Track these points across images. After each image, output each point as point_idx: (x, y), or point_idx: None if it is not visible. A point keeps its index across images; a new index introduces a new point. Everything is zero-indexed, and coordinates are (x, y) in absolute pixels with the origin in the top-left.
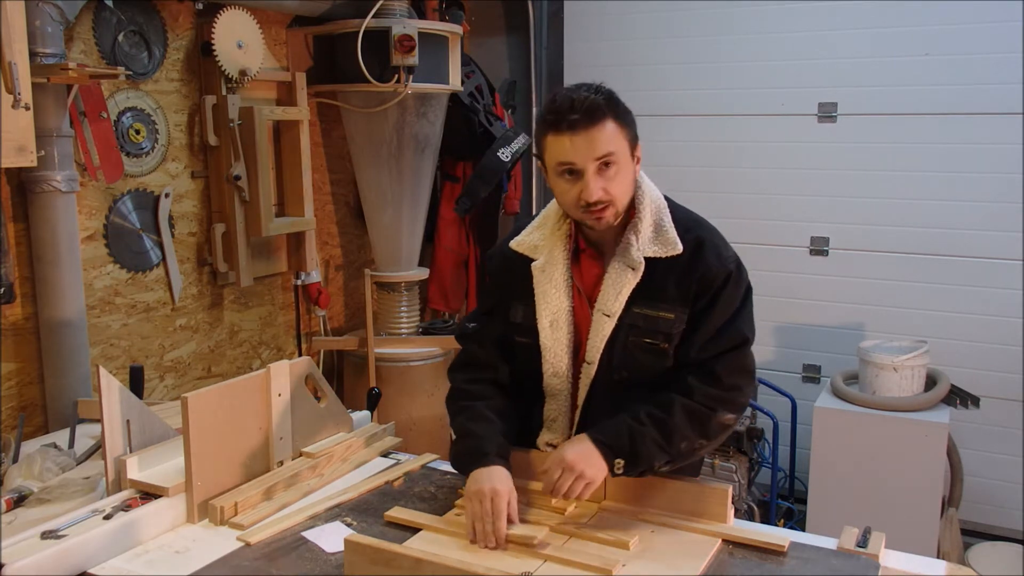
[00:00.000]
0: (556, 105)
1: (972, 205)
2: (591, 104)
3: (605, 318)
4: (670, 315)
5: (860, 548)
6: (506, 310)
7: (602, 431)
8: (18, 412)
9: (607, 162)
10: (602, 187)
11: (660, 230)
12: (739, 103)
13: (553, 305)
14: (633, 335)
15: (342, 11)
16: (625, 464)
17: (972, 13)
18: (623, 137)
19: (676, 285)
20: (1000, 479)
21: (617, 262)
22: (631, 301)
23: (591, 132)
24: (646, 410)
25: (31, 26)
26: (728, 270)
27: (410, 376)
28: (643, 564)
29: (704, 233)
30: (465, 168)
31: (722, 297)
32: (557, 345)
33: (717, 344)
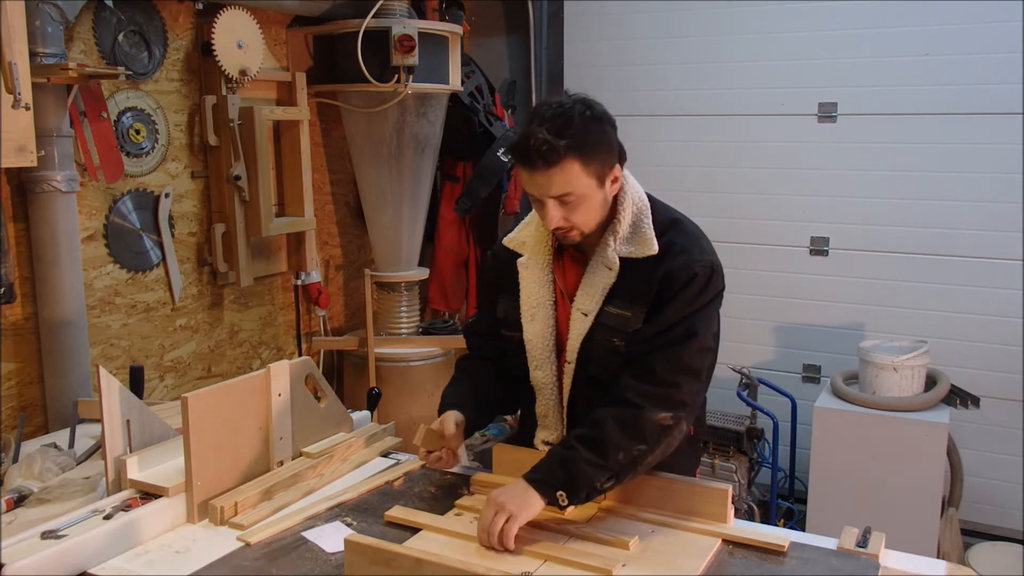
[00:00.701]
0: (520, 141)
1: (972, 205)
2: (549, 149)
3: (582, 316)
4: (627, 312)
5: (860, 548)
6: (493, 306)
7: (535, 468)
8: (18, 412)
9: (565, 200)
10: (562, 216)
11: (638, 231)
12: (739, 103)
13: (532, 300)
14: (604, 335)
15: (342, 11)
16: (567, 494)
17: (972, 13)
18: (587, 174)
19: (641, 283)
20: (1000, 479)
21: (595, 261)
22: (606, 300)
23: (549, 174)
24: (576, 433)
25: (31, 26)
26: (692, 272)
27: (410, 376)
28: (643, 564)
29: (677, 235)
30: (465, 168)
31: (680, 297)
32: (537, 338)
33: (661, 339)
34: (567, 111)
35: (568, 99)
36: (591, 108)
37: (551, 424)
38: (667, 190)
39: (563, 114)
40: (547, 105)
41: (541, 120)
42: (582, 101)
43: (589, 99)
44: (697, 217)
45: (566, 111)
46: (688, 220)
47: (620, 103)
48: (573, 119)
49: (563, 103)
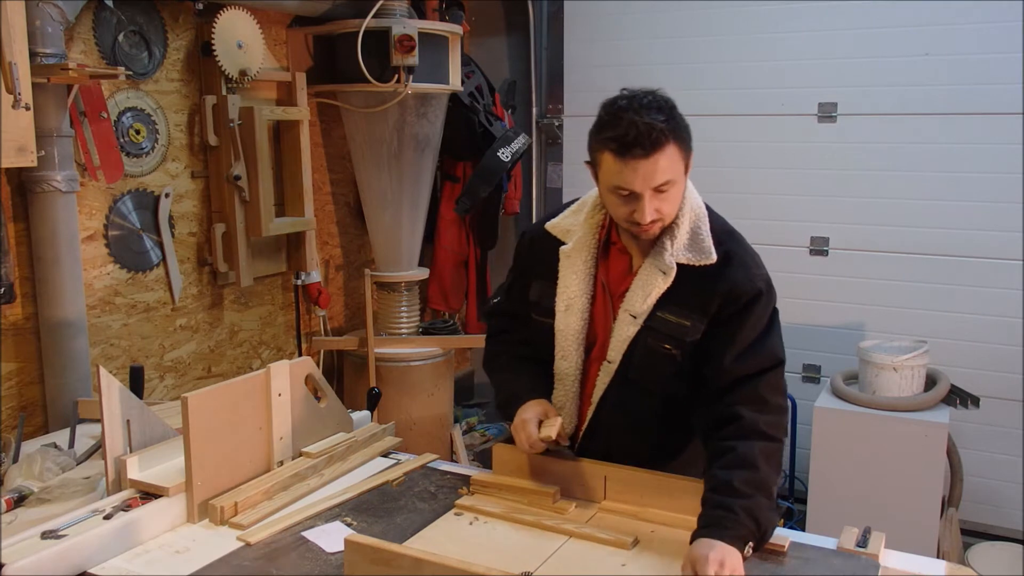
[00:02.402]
0: (619, 130)
1: (972, 205)
2: (655, 134)
3: (631, 319)
4: (686, 322)
5: (860, 548)
6: (526, 288)
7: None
8: (18, 412)
9: (662, 189)
10: (656, 208)
11: (696, 237)
12: (739, 103)
13: (571, 291)
14: (653, 339)
15: (342, 11)
16: (755, 544)
17: (972, 13)
18: (680, 159)
19: (700, 295)
20: (1000, 479)
21: (649, 264)
22: (656, 305)
23: (653, 162)
24: (740, 477)
25: (31, 26)
26: (757, 288)
27: (410, 376)
28: (643, 564)
29: (735, 247)
30: (465, 168)
31: (751, 314)
32: (568, 330)
33: (750, 362)
34: (655, 97)
35: (639, 89)
36: (666, 97)
37: (566, 417)
38: None
39: (654, 99)
40: (630, 96)
41: (634, 108)
42: (654, 91)
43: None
44: None
45: (655, 97)
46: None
47: None
48: (663, 103)
49: (643, 91)
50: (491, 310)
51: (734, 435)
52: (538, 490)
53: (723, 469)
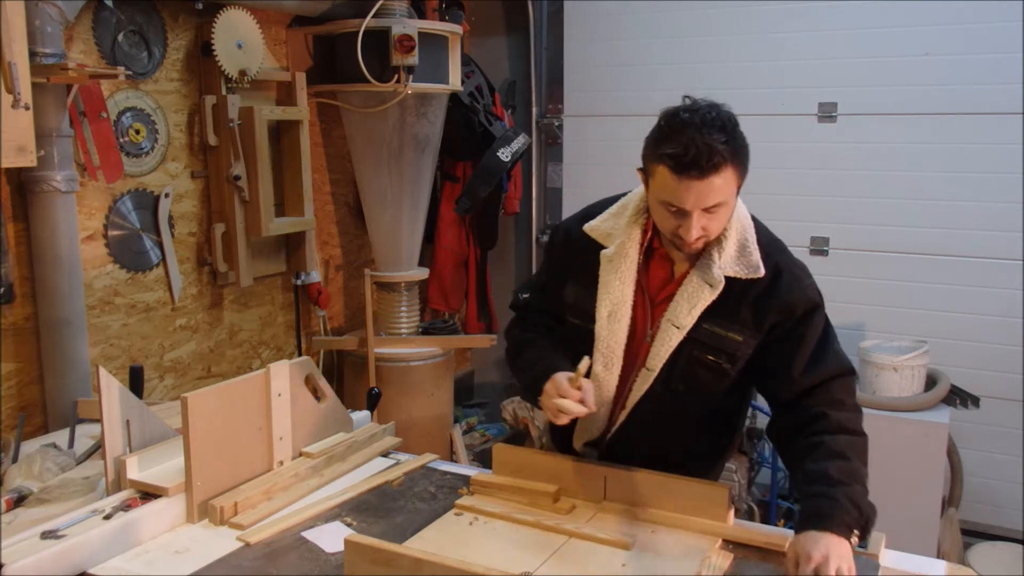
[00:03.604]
0: (679, 148)
1: (972, 205)
2: (716, 156)
3: (674, 329)
4: (739, 337)
5: (860, 548)
6: (560, 288)
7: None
8: (18, 412)
9: (711, 210)
10: (703, 226)
11: (744, 251)
12: (739, 103)
13: (615, 297)
14: (697, 350)
15: (342, 11)
16: (861, 532)
17: (972, 13)
18: (735, 181)
19: (751, 309)
20: (1000, 479)
21: (696, 276)
22: (702, 317)
23: (708, 183)
24: (835, 467)
25: (31, 26)
26: (812, 300)
27: (410, 376)
28: (643, 564)
29: (784, 260)
30: (465, 168)
31: (810, 326)
32: (612, 337)
33: (819, 371)
34: (719, 114)
35: (704, 102)
36: (730, 114)
37: (598, 421)
38: None
39: (718, 116)
40: (693, 110)
41: (696, 125)
42: (718, 106)
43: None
44: None
45: (719, 114)
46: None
47: (617, 103)
48: (725, 122)
49: (707, 105)
50: (519, 304)
51: (819, 431)
52: (538, 490)
53: (815, 462)
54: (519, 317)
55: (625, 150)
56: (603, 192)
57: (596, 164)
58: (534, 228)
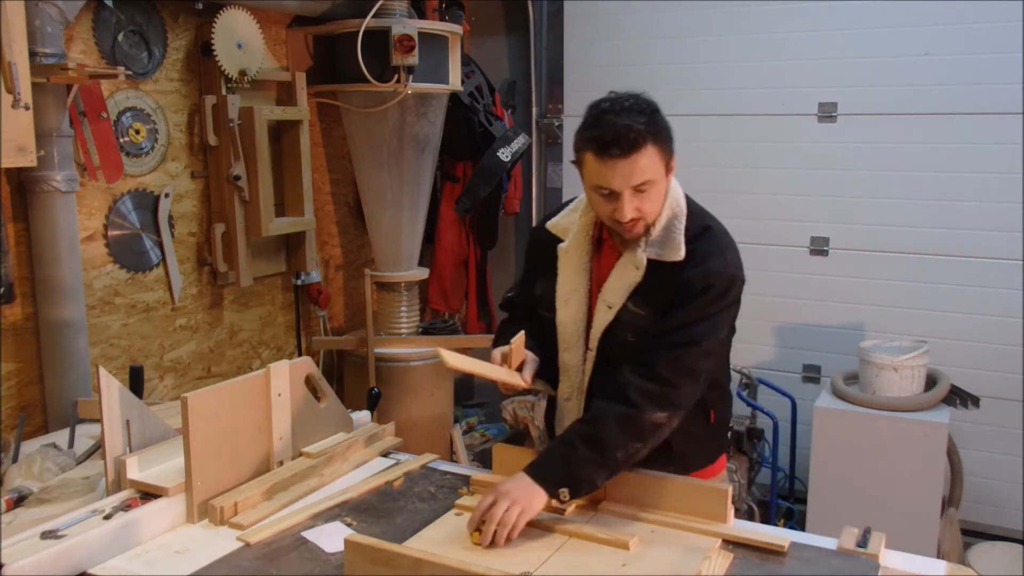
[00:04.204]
0: (599, 131)
1: (972, 205)
2: (633, 135)
3: (607, 308)
4: (642, 312)
5: (860, 548)
6: (533, 282)
7: (537, 465)
8: (18, 412)
9: (641, 189)
10: (635, 207)
11: (669, 235)
12: (739, 103)
13: (567, 286)
14: (621, 329)
15: (342, 11)
16: (570, 491)
17: (972, 13)
18: (660, 160)
19: (663, 289)
20: (1000, 479)
21: (626, 258)
22: (629, 297)
23: (631, 162)
24: (578, 429)
25: (31, 26)
26: (708, 283)
27: (410, 376)
28: (643, 564)
29: (704, 244)
30: (465, 168)
31: (691, 304)
32: (569, 322)
33: (666, 340)
34: (638, 100)
35: (623, 92)
36: (649, 100)
37: (573, 406)
38: None
39: (636, 103)
40: (613, 99)
41: (615, 111)
42: (637, 94)
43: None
44: None
45: (637, 100)
46: (720, 228)
47: None
48: (644, 106)
49: (627, 95)
50: (505, 302)
51: (607, 394)
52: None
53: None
54: (508, 314)
55: None
56: None
57: None
58: None
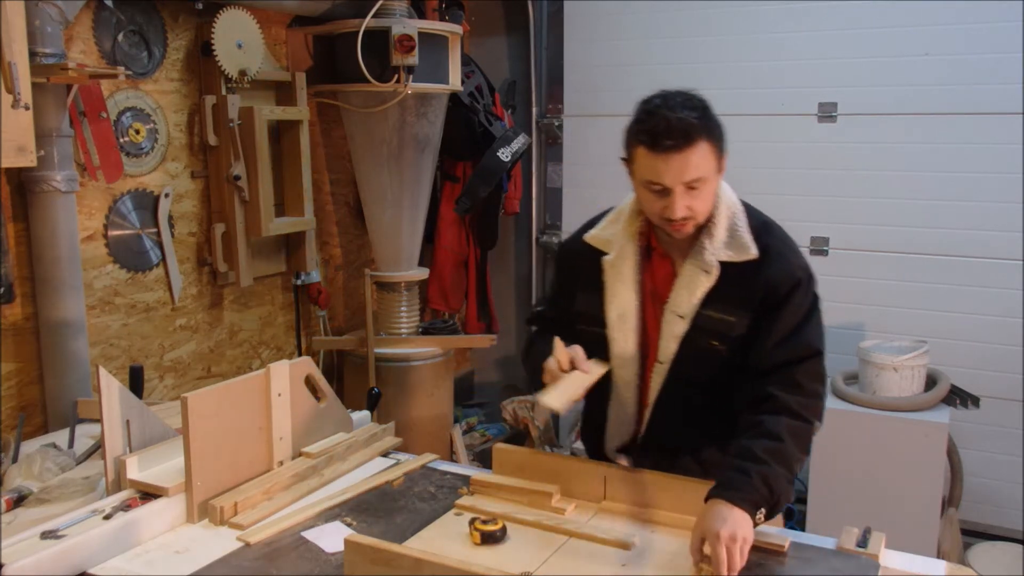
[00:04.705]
0: (652, 124)
1: (972, 205)
2: (687, 128)
3: (677, 319)
4: (731, 318)
5: (860, 548)
6: (570, 299)
7: (733, 487)
8: (18, 412)
9: (693, 186)
10: (687, 205)
11: (734, 234)
12: (739, 103)
13: (621, 300)
14: (702, 337)
15: (342, 11)
16: (768, 511)
17: (972, 13)
18: (713, 156)
19: (742, 290)
20: (1000, 479)
21: (691, 264)
22: (702, 303)
23: (684, 156)
24: (761, 445)
25: (31, 26)
26: (796, 278)
27: (410, 376)
28: (643, 564)
29: (773, 240)
30: (465, 168)
31: (789, 305)
32: (624, 338)
33: (788, 350)
34: (690, 96)
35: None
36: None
37: (626, 423)
38: None
39: (688, 98)
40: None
41: (668, 106)
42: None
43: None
44: None
45: (689, 96)
46: (776, 223)
47: (617, 103)
48: (696, 102)
49: (678, 91)
50: (534, 317)
51: (765, 410)
52: (538, 490)
53: (748, 439)
54: (533, 330)
55: None
56: (603, 192)
57: (596, 164)
58: (534, 228)
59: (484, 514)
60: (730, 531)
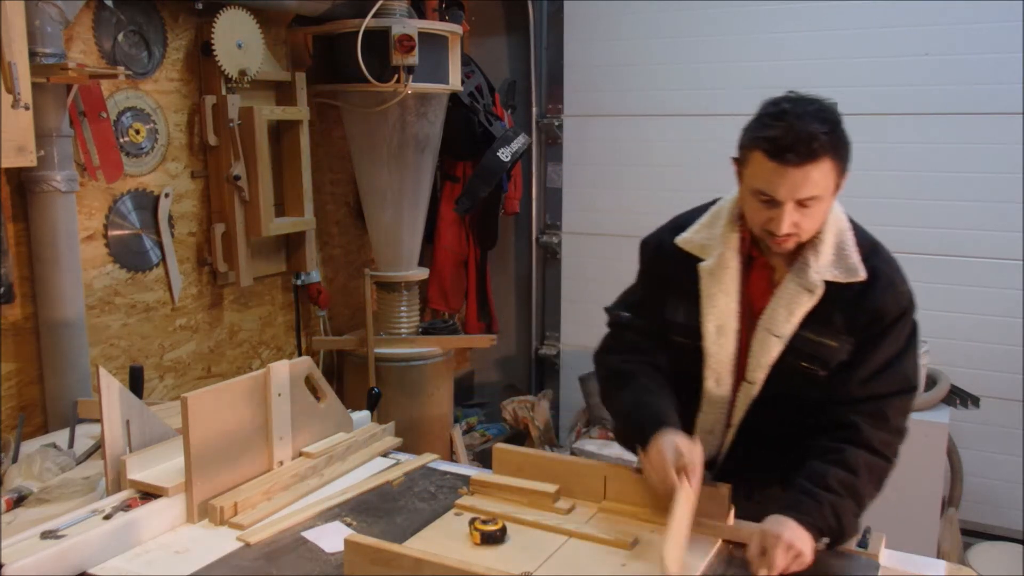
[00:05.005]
0: (775, 131)
1: (972, 205)
2: (813, 142)
3: (773, 338)
4: (833, 343)
5: (860, 548)
6: (661, 305)
7: (803, 510)
8: (18, 412)
9: (806, 203)
10: (795, 221)
11: (842, 253)
12: (739, 103)
13: (721, 311)
14: (794, 358)
15: (342, 11)
16: (831, 541)
17: (972, 13)
18: (834, 175)
19: (845, 314)
20: (1000, 479)
21: (792, 282)
22: (802, 324)
23: (803, 172)
24: (837, 476)
25: (31, 26)
26: (902, 307)
27: (410, 376)
28: (643, 564)
29: (881, 263)
30: (465, 168)
31: (892, 333)
32: (722, 352)
33: (882, 383)
34: (822, 107)
35: (807, 96)
36: (833, 108)
37: (712, 441)
38: (669, 190)
39: (820, 109)
40: (795, 100)
41: (797, 113)
42: (822, 99)
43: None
44: None
45: (822, 106)
46: (883, 245)
47: (617, 103)
48: (828, 114)
49: (811, 97)
50: (617, 323)
51: (845, 439)
52: (538, 490)
53: (823, 463)
54: (614, 338)
55: (625, 150)
56: (603, 192)
57: (596, 164)
58: (534, 228)
59: (484, 514)
60: (790, 538)
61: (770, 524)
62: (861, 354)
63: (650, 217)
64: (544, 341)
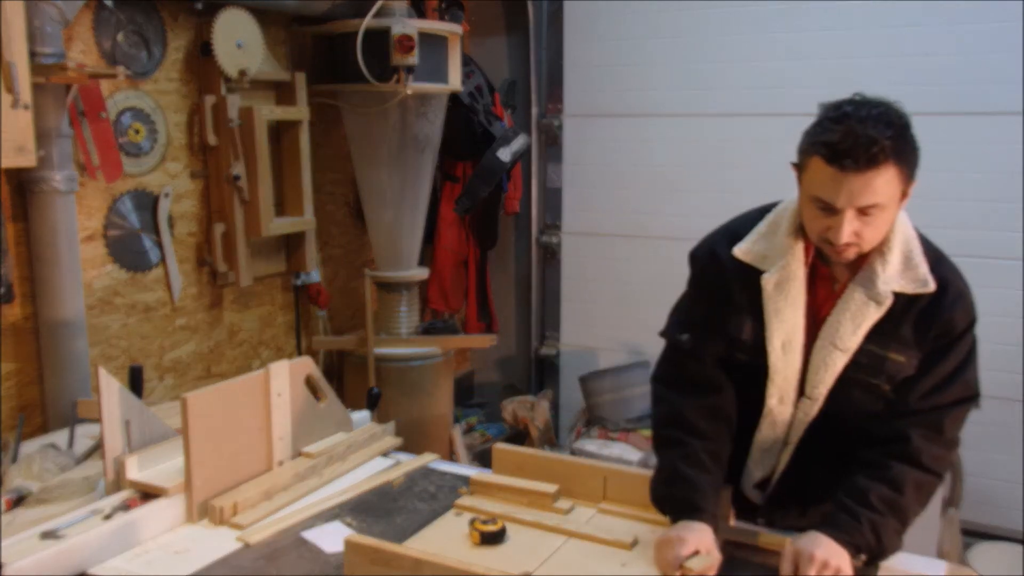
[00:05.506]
0: (835, 136)
1: (972, 205)
2: (875, 148)
3: (837, 352)
4: (901, 358)
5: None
6: (722, 322)
7: (840, 528)
8: (18, 412)
9: (867, 212)
10: (855, 231)
11: (910, 263)
12: (739, 103)
13: (788, 325)
14: (862, 374)
15: (342, 11)
16: (869, 559)
17: (972, 13)
18: (898, 182)
19: (913, 327)
20: (1000, 479)
21: (858, 292)
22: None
23: (865, 179)
24: (879, 493)
25: (31, 26)
26: (971, 318)
27: (410, 376)
28: (643, 564)
29: (949, 273)
30: (465, 168)
31: (958, 346)
32: (788, 368)
33: (944, 395)
34: (888, 109)
35: (873, 98)
36: (900, 112)
37: (768, 459)
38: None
39: (885, 112)
40: (859, 102)
41: (859, 116)
42: (889, 102)
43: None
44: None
45: (887, 109)
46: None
47: (616, 103)
48: (893, 118)
49: (876, 100)
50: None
51: (895, 455)
52: (538, 490)
53: (866, 479)
54: (673, 364)
55: (625, 150)
56: (603, 192)
57: (596, 164)
58: (534, 228)
59: (484, 514)
60: (824, 556)
61: (804, 542)
62: (926, 366)
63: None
64: (544, 341)
